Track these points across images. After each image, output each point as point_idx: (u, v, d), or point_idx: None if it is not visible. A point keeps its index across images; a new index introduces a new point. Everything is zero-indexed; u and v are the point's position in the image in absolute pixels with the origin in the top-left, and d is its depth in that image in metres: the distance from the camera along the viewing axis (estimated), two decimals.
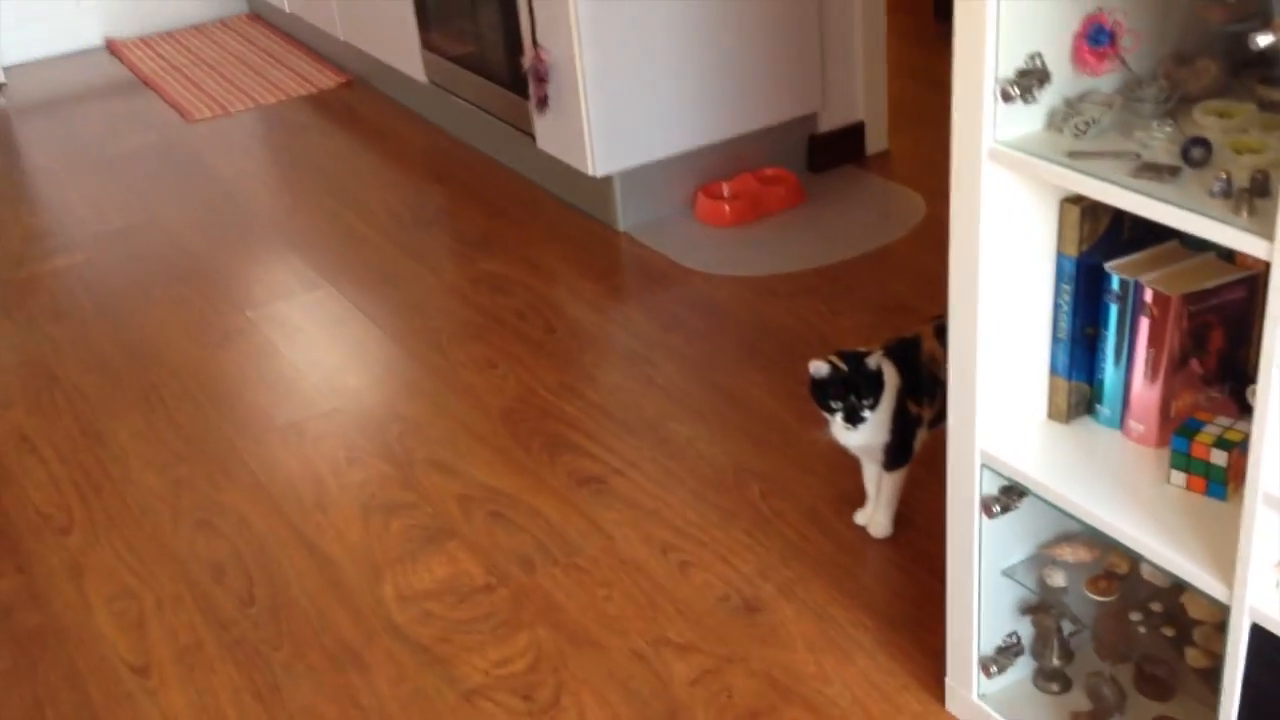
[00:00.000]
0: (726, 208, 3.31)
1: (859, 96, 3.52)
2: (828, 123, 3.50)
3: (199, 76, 4.71)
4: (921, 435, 2.13)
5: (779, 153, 3.46)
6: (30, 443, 2.71)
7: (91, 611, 2.23)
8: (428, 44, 3.86)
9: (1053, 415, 1.66)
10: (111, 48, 5.09)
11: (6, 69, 4.92)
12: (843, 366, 2.00)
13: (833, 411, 2.02)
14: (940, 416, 2.10)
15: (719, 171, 3.40)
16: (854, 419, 2.01)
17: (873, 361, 2.00)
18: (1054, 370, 1.63)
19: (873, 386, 2.01)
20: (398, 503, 2.42)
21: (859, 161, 3.56)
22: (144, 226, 3.64)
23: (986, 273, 1.53)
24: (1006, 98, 1.42)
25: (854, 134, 3.55)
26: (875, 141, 3.59)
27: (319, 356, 2.94)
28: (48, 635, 2.19)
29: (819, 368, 2.00)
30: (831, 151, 3.52)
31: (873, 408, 2.01)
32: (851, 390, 1.99)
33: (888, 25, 3.52)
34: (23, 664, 2.13)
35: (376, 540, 2.33)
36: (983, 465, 1.63)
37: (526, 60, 3.26)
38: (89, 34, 5.13)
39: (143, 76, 4.76)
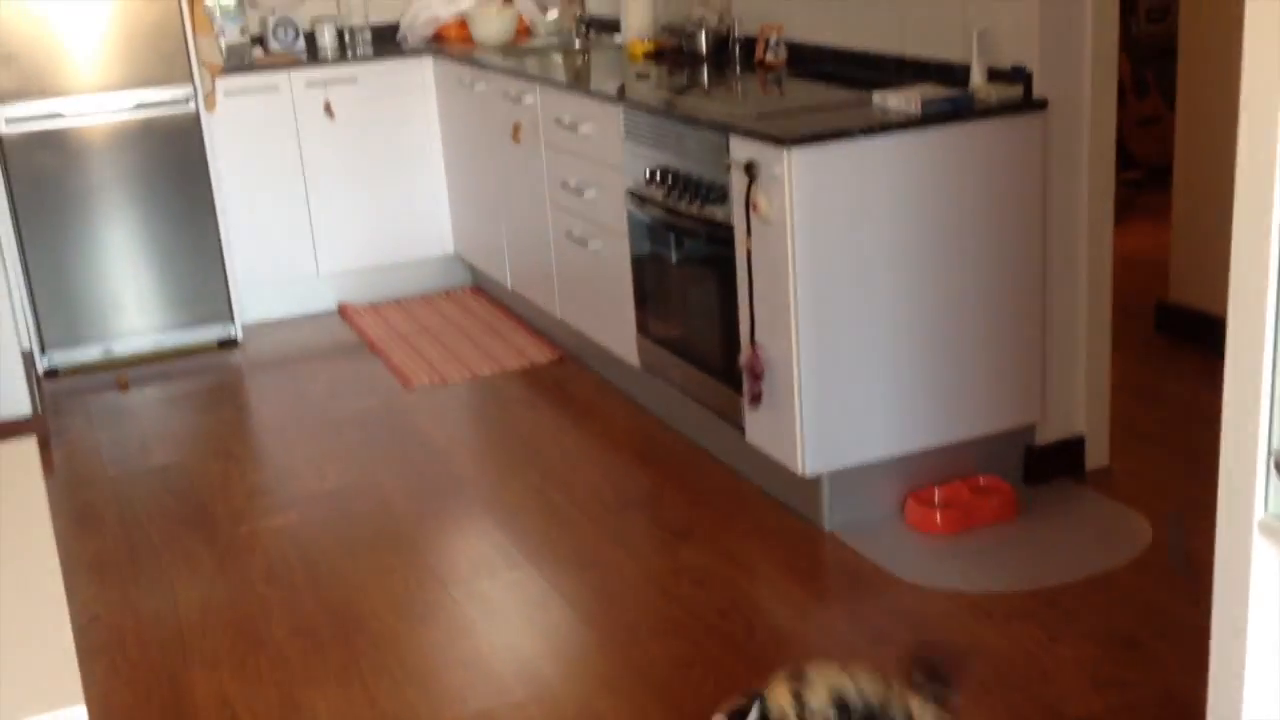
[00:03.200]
0: (938, 516, 3.22)
1: (1080, 409, 3.42)
2: (1046, 434, 3.41)
3: (421, 344, 4.93)
4: None
5: (993, 461, 3.38)
6: (231, 708, 2.74)
7: None
8: (643, 329, 3.96)
9: None
10: (344, 312, 5.40)
11: (246, 326, 5.24)
12: None
13: None
14: None
15: (931, 477, 3.33)
16: None
17: None
18: None
19: None
20: None
21: (1078, 477, 3.43)
22: (357, 489, 3.75)
23: (1254, 645, 1.42)
24: None
25: (1074, 447, 3.43)
26: (1096, 457, 3.46)
27: (516, 640, 2.92)
28: None
29: None
30: (1049, 464, 3.42)
31: None
32: None
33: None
34: None
35: None
36: None
37: (743, 356, 3.30)
38: (325, 299, 5.46)
39: (370, 341, 5.01)
